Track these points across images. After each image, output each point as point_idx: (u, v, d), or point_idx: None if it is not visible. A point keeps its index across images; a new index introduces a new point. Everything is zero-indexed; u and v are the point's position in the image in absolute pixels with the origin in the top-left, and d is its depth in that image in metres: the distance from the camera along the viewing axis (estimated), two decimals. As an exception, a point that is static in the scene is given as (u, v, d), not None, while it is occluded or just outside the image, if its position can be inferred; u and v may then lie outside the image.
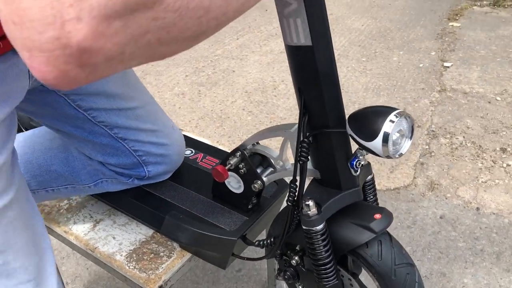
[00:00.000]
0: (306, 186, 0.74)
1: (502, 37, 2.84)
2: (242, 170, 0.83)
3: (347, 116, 0.67)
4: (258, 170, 0.83)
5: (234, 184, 0.87)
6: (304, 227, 0.72)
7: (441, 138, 1.95)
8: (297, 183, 0.72)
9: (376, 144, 0.63)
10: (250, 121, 2.11)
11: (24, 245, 0.71)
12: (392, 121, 0.62)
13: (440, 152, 1.87)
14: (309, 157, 0.70)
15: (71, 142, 0.97)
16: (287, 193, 0.73)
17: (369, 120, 0.64)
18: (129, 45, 0.34)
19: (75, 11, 0.31)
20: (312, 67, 0.61)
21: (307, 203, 0.70)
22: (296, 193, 0.72)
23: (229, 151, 1.14)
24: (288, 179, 0.78)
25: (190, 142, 1.16)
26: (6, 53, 0.63)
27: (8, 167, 0.68)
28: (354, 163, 0.71)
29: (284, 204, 0.83)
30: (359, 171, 0.72)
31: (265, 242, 0.81)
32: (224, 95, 2.34)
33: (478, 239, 1.49)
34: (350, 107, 2.16)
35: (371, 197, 0.81)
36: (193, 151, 1.13)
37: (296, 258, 0.79)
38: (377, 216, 0.71)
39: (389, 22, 3.13)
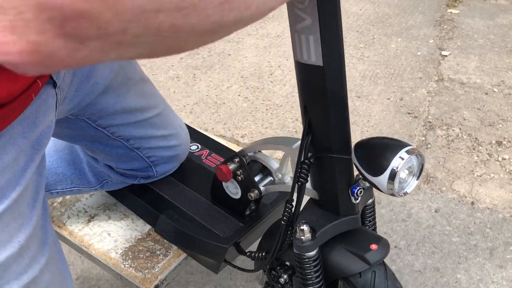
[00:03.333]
0: (303, 204, 0.71)
1: (500, 25, 2.81)
2: (239, 177, 0.81)
3: (353, 142, 0.64)
4: (257, 178, 0.80)
5: (232, 189, 0.84)
6: (295, 251, 0.70)
7: (437, 129, 1.94)
8: (294, 203, 0.69)
9: (382, 180, 0.59)
10: (246, 107, 2.08)
11: None
12: (402, 158, 0.59)
13: (436, 144, 1.86)
14: (308, 177, 0.67)
15: (83, 151, 0.96)
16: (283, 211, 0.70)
17: (377, 153, 0.60)
18: (135, 23, 0.25)
19: None
20: (321, 89, 0.58)
21: (301, 227, 0.67)
22: (291, 214, 0.69)
23: (232, 147, 1.12)
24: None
25: (197, 136, 1.13)
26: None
27: (41, 221, 0.60)
28: (356, 191, 0.68)
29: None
30: (359, 199, 0.70)
31: (255, 255, 0.79)
32: (220, 79, 2.30)
33: (472, 234, 1.49)
34: (347, 96, 2.14)
35: (370, 220, 0.78)
36: (199, 146, 1.10)
37: (285, 276, 0.76)
38: (374, 246, 0.68)
39: (387, 7, 3.08)
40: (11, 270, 0.55)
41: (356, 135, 1.91)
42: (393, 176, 0.59)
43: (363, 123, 1.99)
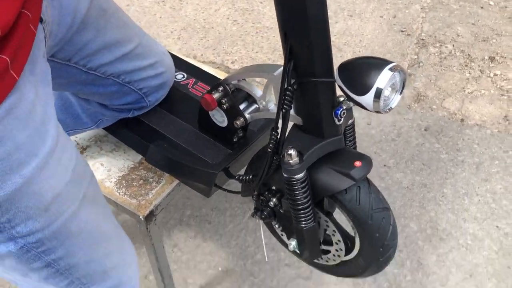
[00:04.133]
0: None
1: None
2: (224, 106, 0.81)
3: (335, 65, 0.64)
4: (242, 106, 0.81)
5: (218, 117, 0.85)
6: (285, 175, 0.72)
7: (430, 47, 1.91)
8: (279, 130, 0.70)
9: (367, 99, 0.60)
10: (235, 31, 2.03)
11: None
12: (386, 76, 0.59)
13: (428, 62, 1.84)
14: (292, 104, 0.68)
15: (72, 94, 0.98)
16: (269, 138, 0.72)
17: (361, 73, 0.60)
18: None
19: None
20: (301, 11, 0.56)
21: (289, 152, 0.69)
22: (277, 140, 0.71)
23: (219, 76, 1.11)
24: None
25: (182, 65, 1.11)
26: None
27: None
28: (339, 112, 0.69)
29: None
30: (342, 120, 0.71)
31: (243, 178, 0.82)
32: (207, 2, 2.22)
33: (460, 151, 1.53)
34: (339, 14, 2.08)
35: (351, 140, 0.81)
36: (185, 75, 1.09)
37: (274, 200, 0.80)
38: (357, 163, 0.71)
39: None
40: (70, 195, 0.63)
41: (348, 57, 1.88)
42: (378, 94, 0.60)
43: (355, 43, 1.95)
